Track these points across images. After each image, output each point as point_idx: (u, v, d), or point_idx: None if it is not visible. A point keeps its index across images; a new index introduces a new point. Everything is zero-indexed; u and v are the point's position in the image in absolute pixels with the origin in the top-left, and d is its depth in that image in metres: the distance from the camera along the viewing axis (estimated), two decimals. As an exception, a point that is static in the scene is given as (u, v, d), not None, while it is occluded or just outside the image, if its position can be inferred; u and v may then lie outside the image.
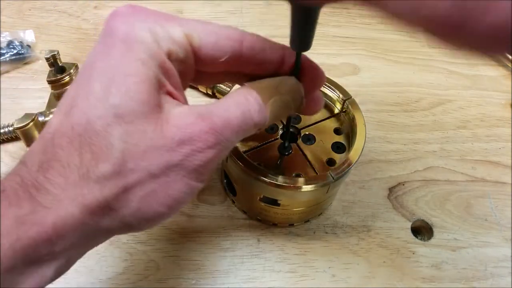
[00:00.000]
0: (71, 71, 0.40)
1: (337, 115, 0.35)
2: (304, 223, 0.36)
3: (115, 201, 0.18)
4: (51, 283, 0.19)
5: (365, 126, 0.32)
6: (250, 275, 0.33)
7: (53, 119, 0.19)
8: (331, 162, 0.32)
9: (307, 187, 0.29)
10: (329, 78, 0.35)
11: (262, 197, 0.31)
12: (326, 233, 0.35)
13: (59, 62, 0.40)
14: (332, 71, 0.48)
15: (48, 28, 0.50)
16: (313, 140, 0.33)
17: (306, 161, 0.32)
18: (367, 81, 0.48)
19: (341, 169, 0.29)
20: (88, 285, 0.31)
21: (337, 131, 0.34)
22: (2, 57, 0.44)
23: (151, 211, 0.19)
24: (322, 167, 0.32)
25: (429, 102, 0.47)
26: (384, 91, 0.47)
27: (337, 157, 0.32)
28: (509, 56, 0.49)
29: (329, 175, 0.29)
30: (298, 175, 0.31)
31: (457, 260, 0.35)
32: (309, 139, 0.33)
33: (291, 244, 0.34)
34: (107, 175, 0.17)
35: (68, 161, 0.17)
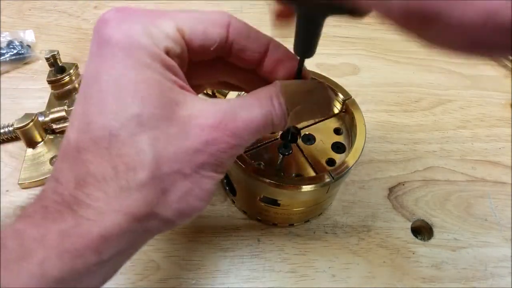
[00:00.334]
0: (71, 71, 0.40)
1: (337, 115, 0.35)
2: (304, 223, 0.36)
3: (157, 205, 0.19)
4: None
5: (365, 126, 0.32)
6: (250, 275, 0.33)
7: (70, 136, 0.19)
8: (331, 162, 0.32)
9: (307, 187, 0.29)
10: (329, 78, 0.35)
11: (262, 197, 0.31)
12: (326, 233, 0.35)
13: (59, 62, 0.40)
14: (332, 71, 0.48)
15: (48, 28, 0.50)
16: (313, 140, 0.33)
17: (306, 161, 0.32)
18: (367, 81, 0.48)
19: (341, 169, 0.29)
20: (88, 285, 0.31)
21: (337, 131, 0.34)
22: (2, 57, 0.44)
23: (191, 207, 0.20)
24: (322, 167, 0.32)
25: (429, 102, 0.47)
26: (384, 91, 0.47)
27: (337, 157, 0.32)
28: (509, 56, 0.49)
29: (329, 175, 0.29)
30: (298, 175, 0.31)
31: (457, 260, 0.35)
32: (309, 139, 0.33)
33: (291, 244, 0.34)
34: (145, 182, 0.18)
35: (103, 175, 0.18)
